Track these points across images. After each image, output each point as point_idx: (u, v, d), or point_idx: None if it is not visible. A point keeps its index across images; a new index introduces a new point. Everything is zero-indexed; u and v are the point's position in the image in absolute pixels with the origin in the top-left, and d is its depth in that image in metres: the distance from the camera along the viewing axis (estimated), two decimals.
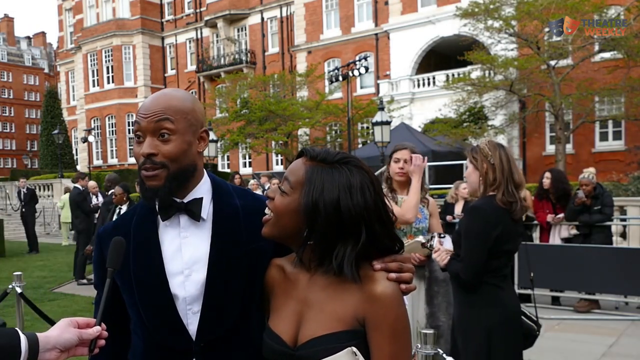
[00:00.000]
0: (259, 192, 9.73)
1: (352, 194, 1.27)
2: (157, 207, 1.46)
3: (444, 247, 2.99)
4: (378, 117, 16.27)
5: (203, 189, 1.48)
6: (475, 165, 2.82)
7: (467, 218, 2.85)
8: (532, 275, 6.51)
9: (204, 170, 1.52)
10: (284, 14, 31.63)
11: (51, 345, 1.20)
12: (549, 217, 7.21)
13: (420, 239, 3.18)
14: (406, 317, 1.28)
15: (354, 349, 1.24)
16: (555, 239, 7.30)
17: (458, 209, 7.66)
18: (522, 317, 2.89)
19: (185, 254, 1.44)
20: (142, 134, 1.41)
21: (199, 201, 1.45)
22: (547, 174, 7.33)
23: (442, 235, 3.14)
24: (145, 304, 1.43)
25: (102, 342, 1.29)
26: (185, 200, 1.45)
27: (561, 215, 7.16)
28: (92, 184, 11.44)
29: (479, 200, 2.81)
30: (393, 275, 1.28)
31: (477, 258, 2.72)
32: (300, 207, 1.29)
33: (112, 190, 7.86)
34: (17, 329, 1.21)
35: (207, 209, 1.47)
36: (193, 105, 1.45)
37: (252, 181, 9.69)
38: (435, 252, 3.00)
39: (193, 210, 1.44)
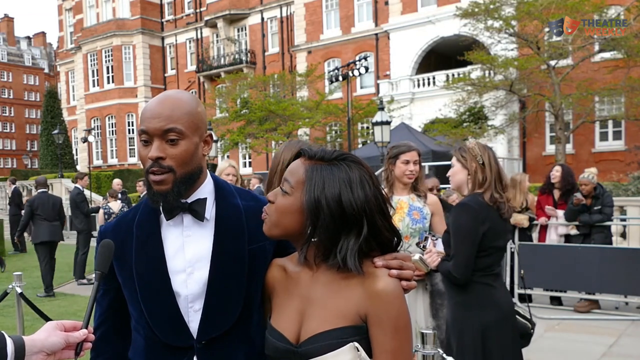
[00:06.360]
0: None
1: (352, 189, 1.29)
2: (160, 206, 1.46)
3: (435, 249, 3.02)
4: (378, 117, 16.26)
5: (206, 190, 1.49)
6: (464, 164, 2.85)
7: (454, 215, 2.87)
8: (522, 272, 6.54)
9: (207, 171, 1.53)
10: (284, 14, 31.63)
11: (37, 348, 1.21)
12: (542, 220, 7.24)
13: (416, 257, 3.20)
14: (407, 314, 1.30)
15: (356, 344, 1.25)
16: (551, 235, 7.31)
17: None
18: (516, 316, 2.91)
19: (187, 252, 1.45)
20: (149, 137, 1.40)
21: (202, 201, 1.46)
22: (558, 168, 7.35)
23: (435, 237, 3.16)
24: (147, 301, 1.44)
25: (89, 345, 1.29)
26: (189, 200, 1.46)
27: (558, 212, 7.17)
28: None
29: (466, 197, 2.84)
30: (394, 272, 1.29)
31: (466, 253, 2.74)
32: (302, 206, 1.31)
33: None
34: (3, 332, 1.21)
35: (210, 209, 1.48)
36: (198, 108, 1.46)
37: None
38: (426, 253, 3.03)
39: (197, 211, 1.45)
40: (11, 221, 14.92)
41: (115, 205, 10.00)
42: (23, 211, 12.23)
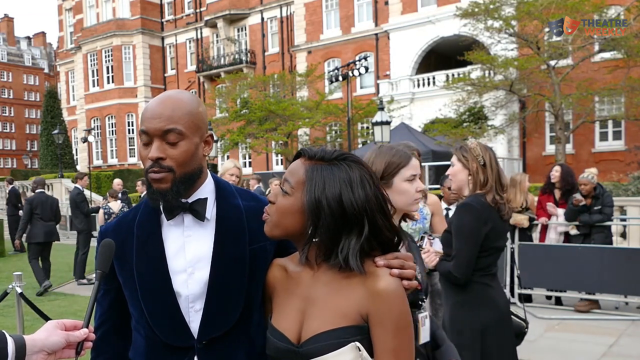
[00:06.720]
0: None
1: (353, 188, 1.30)
2: (161, 206, 1.47)
3: (433, 249, 3.02)
4: (378, 117, 16.27)
5: (207, 190, 1.50)
6: (465, 165, 2.85)
7: (457, 215, 2.88)
8: (518, 272, 6.55)
9: (208, 171, 1.53)
10: (284, 14, 31.63)
11: (38, 347, 1.21)
12: (542, 220, 7.24)
13: None
14: (409, 313, 1.30)
15: (358, 344, 1.25)
16: (550, 234, 7.32)
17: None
18: (511, 315, 2.92)
19: (188, 252, 1.45)
20: (149, 137, 1.40)
21: (203, 201, 1.46)
22: (557, 168, 7.38)
23: (432, 237, 3.16)
24: (147, 301, 1.44)
25: (90, 344, 1.29)
26: (190, 200, 1.46)
27: (559, 211, 7.18)
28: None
29: (469, 197, 2.84)
30: (396, 271, 1.30)
31: (468, 253, 2.75)
32: (303, 207, 1.31)
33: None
34: (4, 331, 1.21)
35: (210, 209, 1.48)
36: (199, 108, 1.46)
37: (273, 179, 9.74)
38: (424, 253, 3.03)
39: (198, 210, 1.45)
40: (9, 221, 14.97)
41: (115, 205, 9.99)
42: (21, 211, 12.37)
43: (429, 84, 24.97)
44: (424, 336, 1.95)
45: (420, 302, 1.96)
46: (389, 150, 2.02)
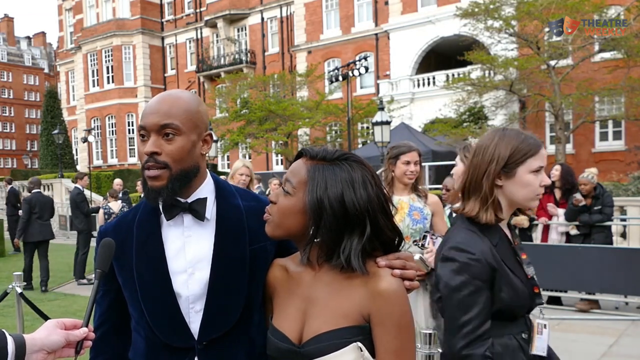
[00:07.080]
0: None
1: (355, 188, 1.29)
2: (160, 206, 1.46)
3: (435, 248, 3.00)
4: (378, 117, 16.27)
5: (207, 189, 1.49)
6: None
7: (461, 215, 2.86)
8: None
9: (207, 171, 1.53)
10: (284, 14, 31.64)
11: (38, 347, 1.21)
12: (542, 220, 7.24)
13: (417, 257, 3.20)
14: (410, 313, 1.30)
15: (360, 344, 1.25)
16: (551, 235, 7.32)
17: None
18: None
19: (188, 253, 1.45)
20: (146, 133, 1.41)
21: (203, 201, 1.46)
22: (557, 167, 7.38)
23: (434, 236, 3.14)
24: (147, 301, 1.44)
25: (89, 343, 1.29)
26: (189, 200, 1.46)
27: (559, 211, 7.18)
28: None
29: None
30: (397, 271, 1.30)
31: None
32: (305, 207, 1.31)
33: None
34: (4, 330, 1.20)
35: (210, 209, 1.48)
36: (199, 107, 1.46)
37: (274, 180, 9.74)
38: (427, 252, 3.02)
39: (197, 210, 1.45)
40: (9, 221, 15.00)
41: (116, 205, 9.99)
42: (20, 211, 12.41)
43: (429, 84, 24.98)
44: (538, 347, 1.77)
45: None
46: (517, 136, 1.78)
